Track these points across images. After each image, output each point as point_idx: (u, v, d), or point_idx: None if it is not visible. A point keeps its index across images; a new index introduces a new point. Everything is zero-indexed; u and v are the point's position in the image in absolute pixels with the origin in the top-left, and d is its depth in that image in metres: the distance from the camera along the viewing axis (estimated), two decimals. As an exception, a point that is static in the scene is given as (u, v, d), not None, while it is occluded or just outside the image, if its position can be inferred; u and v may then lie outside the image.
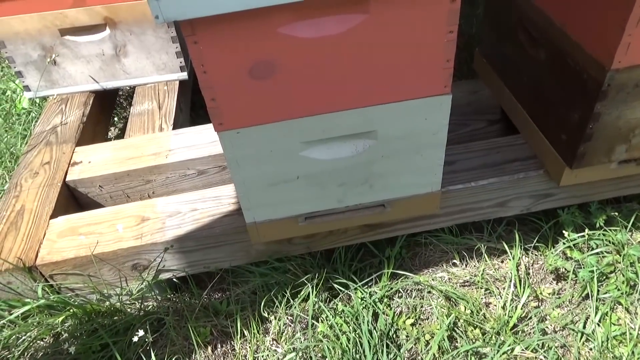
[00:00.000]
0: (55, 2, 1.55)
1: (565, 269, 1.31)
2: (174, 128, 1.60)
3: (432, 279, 1.34)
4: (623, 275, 1.26)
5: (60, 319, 1.21)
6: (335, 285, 1.31)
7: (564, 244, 1.34)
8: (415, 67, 0.89)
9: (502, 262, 1.40)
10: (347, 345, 1.17)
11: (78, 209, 1.48)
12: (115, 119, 2.12)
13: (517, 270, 1.32)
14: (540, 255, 1.39)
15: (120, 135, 2.03)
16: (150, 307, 1.32)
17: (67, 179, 1.42)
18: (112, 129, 2.09)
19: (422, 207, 1.17)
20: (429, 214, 1.24)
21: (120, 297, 1.28)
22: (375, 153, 1.02)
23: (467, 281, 1.34)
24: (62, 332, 1.25)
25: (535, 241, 1.37)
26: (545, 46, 1.14)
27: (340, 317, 1.24)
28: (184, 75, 1.78)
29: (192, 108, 1.99)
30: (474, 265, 1.38)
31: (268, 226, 1.14)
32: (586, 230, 1.30)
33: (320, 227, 1.17)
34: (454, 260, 1.38)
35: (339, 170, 1.04)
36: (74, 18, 1.59)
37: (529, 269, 1.37)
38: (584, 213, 1.39)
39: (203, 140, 1.50)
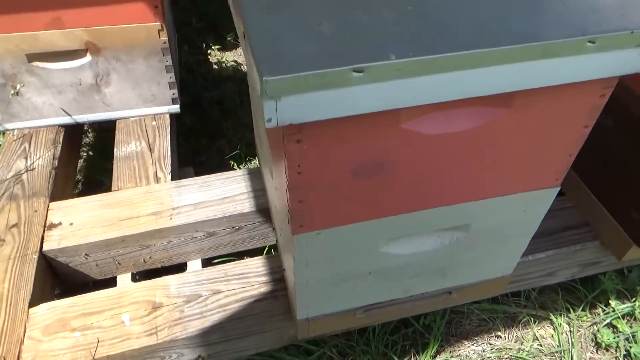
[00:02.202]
0: (24, 23, 1.25)
1: (613, 341, 1.25)
2: (171, 177, 1.36)
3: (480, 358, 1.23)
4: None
5: None
6: (377, 371, 1.16)
7: (605, 312, 1.28)
8: (533, 162, 0.76)
9: (541, 328, 1.32)
10: None
11: (55, 282, 1.20)
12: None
13: (560, 341, 1.25)
14: (577, 320, 1.33)
15: (90, 175, 1.73)
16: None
17: (44, 249, 1.15)
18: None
19: (489, 290, 1.05)
20: (493, 295, 1.13)
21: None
22: (461, 244, 0.88)
23: (514, 357, 1.25)
24: None
25: (580, 309, 1.31)
26: (616, 113, 1.06)
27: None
28: (175, 108, 1.53)
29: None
30: (517, 337, 1.29)
31: (321, 321, 0.96)
32: (637, 302, 1.25)
33: (379, 318, 1.02)
34: (498, 333, 1.28)
35: (417, 262, 0.89)
36: (47, 41, 1.30)
37: (572, 338, 1.30)
38: (619, 275, 1.35)
39: (212, 196, 1.28)
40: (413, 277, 0.93)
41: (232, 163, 1.80)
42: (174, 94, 1.50)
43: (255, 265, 1.12)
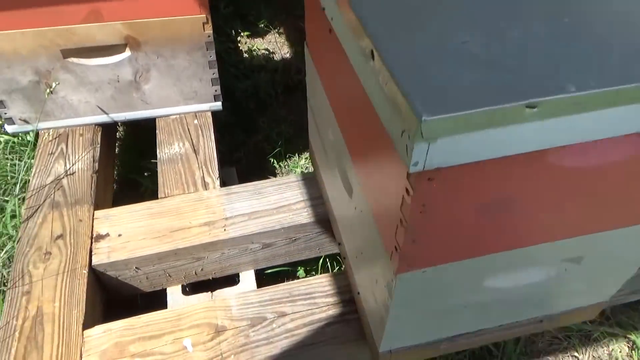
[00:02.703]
0: (60, 16, 1.15)
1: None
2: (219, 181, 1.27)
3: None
4: None
5: None
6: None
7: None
8: (674, 190, 0.65)
9: (616, 346, 1.23)
10: None
11: (103, 296, 1.13)
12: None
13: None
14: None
15: (124, 174, 1.65)
16: None
17: (93, 263, 1.07)
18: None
19: (582, 316, 0.96)
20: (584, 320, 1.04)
21: None
22: (568, 276, 0.79)
23: (592, 378, 1.17)
24: None
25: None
26: None
27: None
28: (217, 105, 1.44)
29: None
30: (593, 356, 1.20)
31: (405, 353, 0.88)
32: None
33: (464, 346, 0.93)
34: (574, 353, 1.20)
35: (516, 294, 0.80)
36: (84, 36, 1.20)
37: (650, 357, 1.21)
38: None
39: (265, 204, 1.19)
40: (508, 307, 0.84)
41: (272, 161, 1.70)
42: (216, 90, 1.40)
43: (322, 284, 1.04)
